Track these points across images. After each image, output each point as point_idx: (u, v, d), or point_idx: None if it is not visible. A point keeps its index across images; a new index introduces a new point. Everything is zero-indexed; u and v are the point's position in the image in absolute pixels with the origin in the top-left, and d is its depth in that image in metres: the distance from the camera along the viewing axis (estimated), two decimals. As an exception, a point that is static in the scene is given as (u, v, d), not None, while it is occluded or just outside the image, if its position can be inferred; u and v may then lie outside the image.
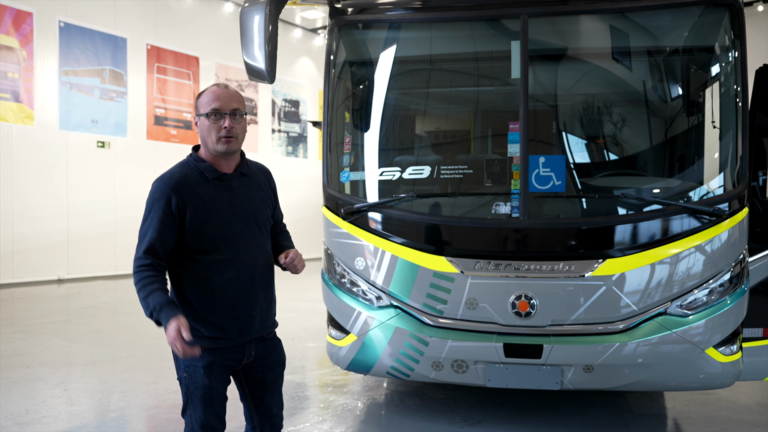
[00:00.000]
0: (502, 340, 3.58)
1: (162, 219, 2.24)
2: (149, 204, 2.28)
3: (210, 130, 2.31)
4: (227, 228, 2.33)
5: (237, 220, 2.36)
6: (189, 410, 2.38)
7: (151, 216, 2.25)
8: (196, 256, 2.31)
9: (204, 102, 2.34)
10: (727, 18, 3.70)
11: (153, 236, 2.23)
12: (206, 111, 2.31)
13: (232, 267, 2.34)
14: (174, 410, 4.48)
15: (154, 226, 2.24)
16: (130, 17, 13.08)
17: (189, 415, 2.39)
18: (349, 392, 4.92)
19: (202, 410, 2.35)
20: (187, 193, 2.28)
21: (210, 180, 2.33)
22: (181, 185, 2.28)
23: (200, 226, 2.29)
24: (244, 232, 2.38)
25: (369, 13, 4.14)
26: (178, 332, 2.09)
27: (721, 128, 3.81)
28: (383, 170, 4.21)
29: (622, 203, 3.81)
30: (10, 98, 11.13)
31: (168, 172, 2.34)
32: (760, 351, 4.01)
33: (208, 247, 2.31)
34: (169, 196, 2.25)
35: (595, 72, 4.25)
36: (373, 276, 3.84)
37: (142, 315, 7.86)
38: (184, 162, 2.38)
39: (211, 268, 2.32)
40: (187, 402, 2.39)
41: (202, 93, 2.38)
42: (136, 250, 2.26)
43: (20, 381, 5.13)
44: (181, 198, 2.26)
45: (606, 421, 4.25)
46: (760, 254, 4.05)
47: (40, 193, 11.57)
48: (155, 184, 2.30)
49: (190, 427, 2.39)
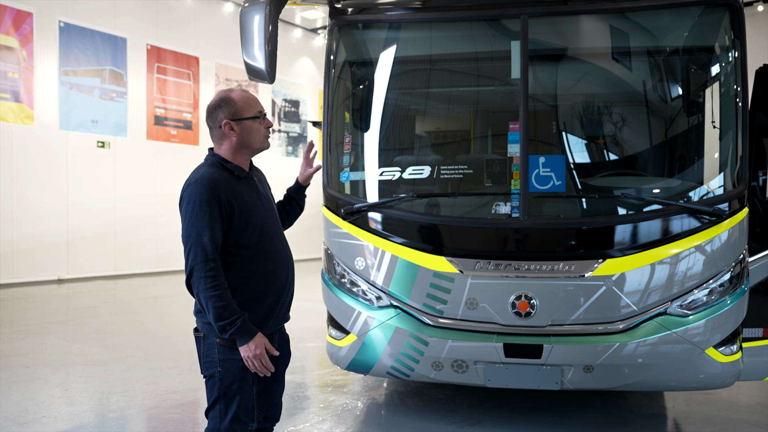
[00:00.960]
0: (502, 340, 3.58)
1: (214, 218, 2.32)
2: (196, 206, 2.32)
3: (259, 130, 2.50)
4: (264, 222, 2.49)
5: (267, 214, 2.53)
6: (219, 405, 2.42)
7: (202, 216, 2.31)
8: (239, 251, 2.42)
9: (246, 107, 2.47)
10: (727, 18, 3.70)
11: (211, 234, 2.30)
12: (253, 114, 2.48)
13: (271, 259, 2.49)
14: (174, 410, 4.48)
15: (207, 225, 2.30)
16: (130, 17, 13.08)
17: (218, 410, 2.42)
18: (349, 392, 4.92)
19: (237, 404, 2.42)
20: (230, 192, 2.39)
21: (240, 179, 2.48)
22: (223, 185, 2.38)
23: (245, 222, 2.41)
24: (273, 225, 2.56)
25: (369, 13, 4.15)
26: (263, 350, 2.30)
27: (721, 128, 3.81)
28: (383, 170, 4.21)
29: (622, 203, 3.81)
30: (10, 98, 11.13)
31: (205, 174, 2.40)
32: (760, 351, 4.01)
33: (251, 241, 2.44)
34: (218, 196, 2.34)
35: (595, 72, 4.25)
36: (373, 276, 3.84)
37: (142, 315, 7.80)
38: (213, 163, 2.47)
39: (253, 261, 2.44)
40: (218, 397, 2.42)
41: (230, 97, 2.48)
42: (195, 252, 2.29)
43: (20, 381, 5.13)
44: (226, 197, 2.36)
45: (606, 421, 4.25)
46: (760, 254, 4.05)
47: (40, 193, 11.57)
48: (197, 187, 2.34)
49: (218, 421, 2.42)
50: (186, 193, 2.37)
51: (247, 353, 2.30)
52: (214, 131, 2.50)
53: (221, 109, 2.46)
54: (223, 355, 2.40)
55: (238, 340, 2.31)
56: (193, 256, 2.29)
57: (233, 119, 2.45)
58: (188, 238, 2.32)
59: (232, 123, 2.45)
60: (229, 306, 2.28)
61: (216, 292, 2.27)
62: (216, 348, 2.41)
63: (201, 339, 2.46)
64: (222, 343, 2.39)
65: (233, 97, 2.47)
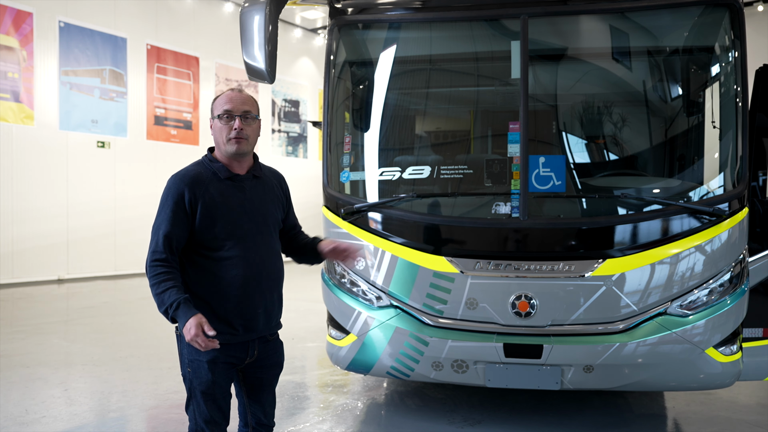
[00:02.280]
0: (502, 340, 3.58)
1: (175, 213, 2.32)
2: (163, 199, 2.36)
3: (222, 130, 2.40)
4: (236, 226, 2.40)
5: (246, 219, 2.42)
6: (192, 405, 2.43)
7: (165, 210, 2.33)
8: (204, 252, 2.38)
9: (217, 104, 2.43)
10: (727, 18, 3.70)
11: (167, 230, 2.30)
12: (219, 112, 2.40)
13: (238, 265, 2.39)
14: (174, 410, 4.48)
15: (167, 220, 2.31)
16: (130, 17, 13.09)
17: (192, 410, 2.43)
18: (349, 392, 4.92)
19: (205, 405, 2.40)
20: (200, 190, 2.36)
21: (222, 179, 2.41)
22: (194, 182, 2.36)
23: (209, 222, 2.35)
24: (253, 231, 2.44)
25: (369, 13, 4.14)
26: (199, 328, 2.16)
27: (721, 128, 3.81)
28: (383, 170, 4.21)
29: (622, 203, 3.81)
30: (10, 98, 11.13)
31: (183, 169, 2.43)
32: (760, 351, 4.01)
33: (215, 243, 2.38)
34: (182, 192, 2.33)
35: (595, 72, 4.25)
36: (373, 276, 3.84)
37: (142, 315, 7.83)
38: (199, 161, 2.48)
39: (218, 265, 2.38)
40: (190, 397, 2.43)
41: (217, 97, 2.47)
42: (150, 244, 2.32)
43: (20, 381, 5.13)
44: (194, 194, 2.34)
45: (606, 421, 4.25)
46: (760, 254, 4.05)
47: (40, 193, 11.57)
48: (170, 181, 2.38)
49: (194, 422, 2.43)
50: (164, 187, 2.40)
51: (187, 334, 2.17)
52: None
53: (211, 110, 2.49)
54: (191, 355, 2.38)
55: (179, 322, 2.22)
56: (150, 246, 2.32)
57: (212, 117, 2.46)
58: (152, 228, 2.35)
59: (211, 121, 2.46)
60: (165, 293, 2.23)
61: (155, 281, 2.26)
62: (186, 348, 2.38)
63: (178, 337, 2.44)
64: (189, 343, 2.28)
65: (217, 95, 2.48)
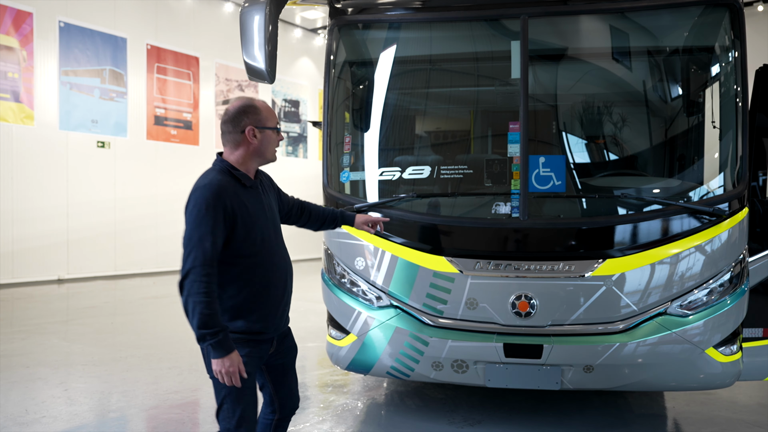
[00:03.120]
0: (502, 340, 3.58)
1: (217, 224, 2.32)
2: (201, 210, 2.32)
3: (274, 141, 2.56)
4: (264, 232, 2.50)
5: (268, 224, 2.54)
6: (226, 405, 2.45)
7: (205, 222, 2.30)
8: (237, 260, 2.42)
9: (269, 117, 2.53)
10: (727, 18, 3.70)
11: (211, 242, 2.30)
12: (273, 125, 2.54)
13: (269, 270, 2.50)
14: (174, 410, 4.48)
15: (210, 232, 2.30)
16: (130, 17, 13.08)
17: (226, 410, 2.45)
18: (349, 392, 4.92)
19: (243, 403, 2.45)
20: (235, 201, 2.39)
21: (246, 187, 2.49)
22: (227, 193, 2.38)
23: (246, 232, 2.42)
24: (273, 235, 2.56)
25: (369, 13, 4.15)
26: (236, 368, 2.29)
27: (721, 128, 3.81)
28: (383, 170, 4.21)
29: (622, 203, 3.81)
30: (10, 98, 11.13)
31: (211, 179, 2.40)
32: (760, 351, 4.01)
33: (250, 251, 2.44)
34: (222, 202, 2.34)
35: (595, 72, 4.26)
36: (373, 276, 3.84)
37: (142, 315, 7.79)
38: (220, 170, 2.47)
39: (251, 271, 2.45)
40: (224, 398, 2.45)
41: (254, 105, 2.50)
42: (192, 256, 2.29)
43: (20, 381, 5.13)
44: (231, 205, 2.37)
45: (606, 421, 4.25)
46: (760, 254, 4.05)
47: (40, 193, 11.57)
48: (206, 191, 2.35)
49: (227, 424, 2.46)
50: (193, 196, 2.36)
51: (219, 368, 2.28)
52: (231, 136, 2.48)
53: (247, 116, 2.47)
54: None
55: (213, 352, 2.28)
56: (192, 259, 2.28)
57: (257, 126, 2.48)
58: (189, 241, 2.31)
59: (255, 130, 2.48)
60: (214, 316, 2.26)
61: (206, 299, 2.25)
62: None
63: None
64: None
65: (258, 105, 2.50)
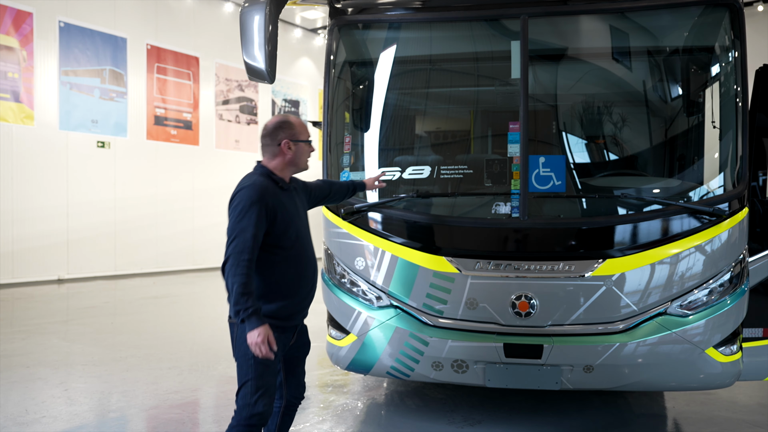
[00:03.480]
0: (502, 340, 3.58)
1: (259, 219, 2.65)
2: (246, 205, 2.66)
3: (306, 153, 2.93)
4: (299, 230, 2.86)
5: (301, 223, 2.90)
6: (250, 382, 2.70)
7: (249, 216, 2.64)
8: (276, 251, 2.76)
9: (303, 131, 2.91)
10: (727, 18, 3.70)
11: (253, 233, 2.63)
12: (307, 138, 2.92)
13: (302, 263, 2.86)
14: (174, 410, 4.48)
15: (253, 225, 2.64)
16: (130, 17, 13.09)
17: (249, 386, 2.70)
18: (349, 392, 4.92)
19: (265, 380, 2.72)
20: (275, 200, 2.75)
21: (284, 190, 2.85)
22: (269, 193, 2.73)
23: (284, 228, 2.77)
24: (305, 233, 2.93)
25: (369, 13, 4.14)
26: (265, 339, 2.56)
27: (721, 128, 3.81)
28: (383, 170, 4.21)
29: (622, 203, 3.81)
30: (10, 98, 11.13)
31: (254, 181, 2.75)
32: (760, 351, 4.01)
33: (287, 244, 2.79)
34: (264, 200, 2.69)
35: (595, 72, 4.25)
36: (373, 276, 3.84)
37: (142, 315, 7.81)
38: (262, 174, 2.83)
39: (287, 262, 2.80)
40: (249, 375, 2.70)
41: (290, 121, 2.89)
42: (235, 243, 2.61)
43: (20, 381, 5.13)
44: (272, 203, 2.72)
45: (606, 421, 4.25)
46: (760, 254, 4.05)
47: (40, 193, 11.57)
48: (250, 190, 2.69)
49: (247, 399, 2.69)
50: (239, 194, 2.71)
51: (252, 339, 2.56)
52: (269, 147, 2.86)
53: (283, 130, 2.85)
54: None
55: (247, 326, 2.57)
56: (234, 246, 2.61)
57: (292, 140, 2.85)
58: (233, 231, 2.65)
59: (290, 143, 2.85)
60: (249, 295, 2.57)
61: (243, 280, 2.57)
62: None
63: (235, 325, 2.72)
64: None
65: (292, 121, 2.89)
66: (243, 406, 2.70)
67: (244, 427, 2.70)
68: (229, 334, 2.82)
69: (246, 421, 2.69)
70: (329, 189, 3.44)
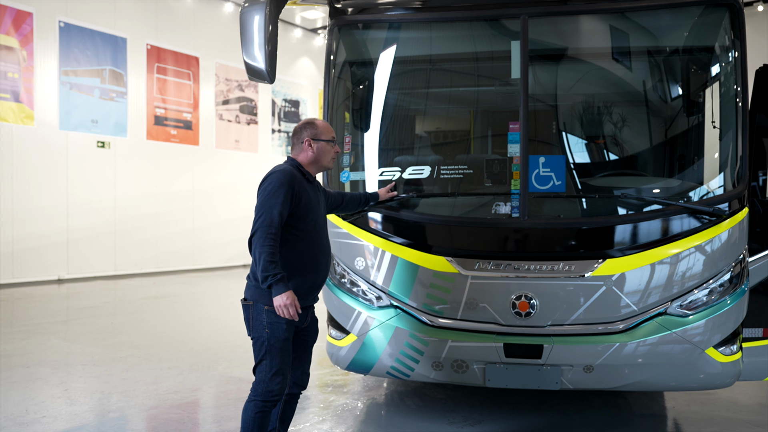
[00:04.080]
0: (502, 340, 3.58)
1: (286, 199, 2.93)
2: (275, 186, 2.93)
3: (329, 152, 3.20)
4: (318, 218, 3.14)
5: (321, 211, 3.20)
6: (266, 361, 2.96)
7: (278, 195, 2.92)
8: (297, 232, 3.03)
9: (325, 131, 3.19)
10: (727, 18, 3.70)
11: (280, 210, 2.90)
12: (328, 138, 3.19)
13: (318, 247, 3.13)
14: (174, 410, 4.48)
15: (280, 203, 2.91)
16: (130, 17, 13.09)
17: (265, 365, 2.96)
18: (349, 392, 4.92)
19: (280, 360, 2.97)
20: (300, 187, 3.04)
21: (310, 181, 3.15)
22: (296, 180, 3.03)
23: (305, 211, 3.04)
24: (322, 220, 3.21)
25: (369, 13, 4.14)
26: (292, 301, 2.84)
27: (721, 128, 3.81)
28: (383, 170, 4.21)
29: (622, 203, 3.81)
30: (10, 98, 11.13)
31: (284, 168, 3.04)
32: (760, 351, 4.01)
33: (307, 227, 3.06)
34: (292, 184, 2.98)
35: (595, 72, 4.25)
36: (373, 276, 3.84)
37: (142, 315, 7.82)
38: (291, 165, 3.12)
39: (306, 243, 3.06)
40: (264, 354, 2.96)
41: (314, 122, 3.18)
42: (263, 218, 2.88)
43: (20, 381, 5.13)
44: (298, 188, 3.01)
45: (606, 421, 4.25)
46: (760, 254, 4.05)
47: (40, 193, 11.57)
48: (280, 174, 2.98)
49: (263, 376, 2.96)
50: (269, 177, 2.99)
51: (280, 302, 2.82)
52: (296, 145, 3.17)
53: (306, 130, 3.15)
54: (270, 318, 2.94)
55: (274, 290, 2.83)
56: (261, 221, 2.88)
57: (313, 139, 3.14)
58: (261, 208, 2.91)
59: (311, 141, 3.14)
60: (275, 263, 2.83)
61: (270, 250, 2.84)
62: (264, 313, 2.95)
63: (249, 306, 3.00)
64: (269, 309, 2.93)
65: (316, 122, 3.19)
66: (260, 381, 2.97)
67: (261, 402, 2.96)
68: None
69: (261, 397, 2.96)
70: (342, 199, 3.69)
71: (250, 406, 2.98)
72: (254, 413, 2.97)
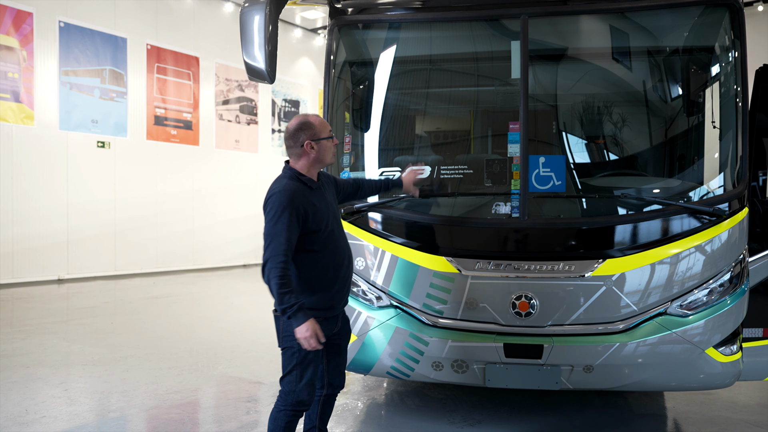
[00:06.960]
0: (502, 340, 3.58)
1: (291, 223, 2.79)
2: (278, 211, 2.79)
3: (330, 149, 3.03)
4: (331, 223, 3.00)
5: (331, 218, 3.02)
6: (296, 371, 2.90)
7: (282, 221, 2.78)
8: (312, 248, 2.91)
9: (323, 129, 3.00)
10: (727, 18, 3.70)
11: (287, 237, 2.77)
12: (328, 135, 3.01)
13: (337, 254, 3.01)
14: (174, 410, 4.48)
15: (286, 229, 2.77)
16: (130, 17, 13.08)
17: (295, 375, 2.90)
18: (349, 392, 4.92)
19: (311, 370, 2.92)
20: (305, 201, 2.87)
21: (312, 189, 2.96)
22: (298, 196, 2.85)
23: (317, 225, 2.91)
24: (337, 226, 3.08)
25: (369, 13, 4.14)
26: (313, 333, 2.74)
27: (721, 128, 3.81)
28: (383, 170, 4.21)
29: (622, 203, 3.81)
30: (10, 98, 11.13)
31: (284, 185, 2.87)
32: (760, 351, 4.01)
33: (321, 239, 2.93)
34: (295, 204, 2.81)
35: (595, 72, 4.25)
36: (373, 276, 3.84)
37: (142, 315, 7.83)
38: (290, 176, 2.95)
39: (324, 257, 2.95)
40: (295, 365, 2.90)
41: (309, 121, 2.96)
42: (271, 247, 2.76)
43: (20, 381, 5.13)
44: (303, 206, 2.84)
45: (606, 421, 4.25)
46: (760, 254, 4.05)
47: (40, 193, 11.57)
48: (279, 196, 2.82)
49: (292, 386, 2.90)
50: (271, 199, 2.84)
51: (300, 334, 2.74)
52: (294, 149, 2.97)
53: (303, 132, 2.94)
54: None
55: (293, 322, 2.75)
56: (270, 251, 2.76)
57: (313, 140, 2.95)
58: (268, 236, 2.79)
59: (312, 143, 2.95)
60: (290, 293, 2.73)
61: (282, 281, 2.73)
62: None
63: (280, 318, 2.89)
64: None
65: (312, 121, 2.97)
66: (288, 392, 2.91)
67: (290, 412, 2.92)
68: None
69: (292, 407, 2.91)
70: (357, 187, 3.52)
71: (280, 416, 2.93)
72: (285, 422, 2.93)
